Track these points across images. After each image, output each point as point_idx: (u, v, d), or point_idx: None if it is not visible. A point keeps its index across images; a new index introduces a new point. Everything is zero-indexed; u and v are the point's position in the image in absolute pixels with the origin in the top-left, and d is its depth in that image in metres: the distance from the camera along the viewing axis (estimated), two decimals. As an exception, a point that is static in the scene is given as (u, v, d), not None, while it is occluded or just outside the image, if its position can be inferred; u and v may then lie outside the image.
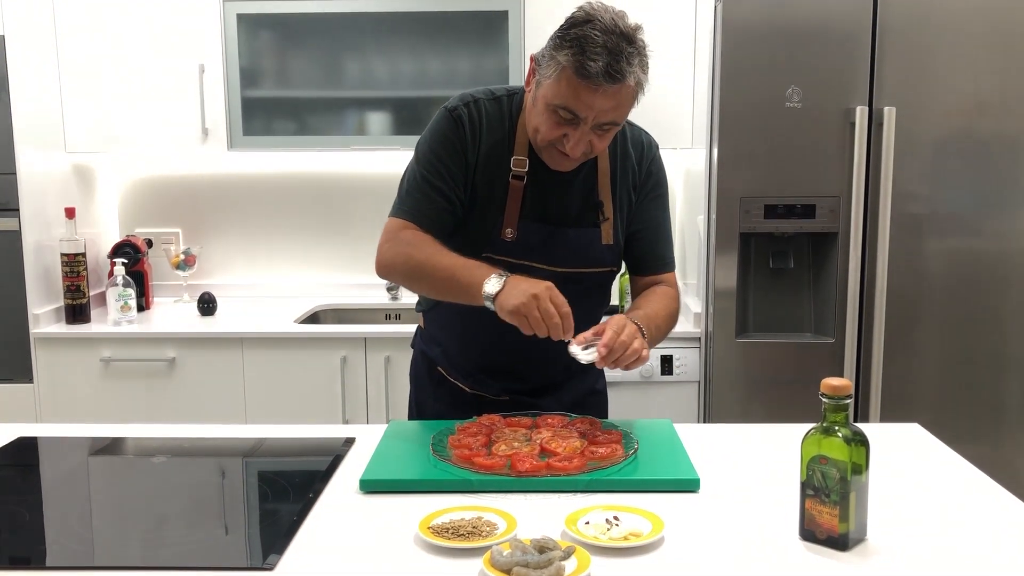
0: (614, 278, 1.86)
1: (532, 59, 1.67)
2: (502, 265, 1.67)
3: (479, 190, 1.73)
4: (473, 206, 1.74)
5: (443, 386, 1.91)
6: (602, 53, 1.53)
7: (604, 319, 1.71)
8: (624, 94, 1.58)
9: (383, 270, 1.75)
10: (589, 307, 1.83)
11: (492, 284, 1.56)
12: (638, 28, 1.60)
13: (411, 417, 1.98)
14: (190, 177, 3.63)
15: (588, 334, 1.61)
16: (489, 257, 1.71)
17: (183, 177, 3.64)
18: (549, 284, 1.56)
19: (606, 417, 1.95)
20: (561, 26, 1.60)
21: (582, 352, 1.59)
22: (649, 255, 1.87)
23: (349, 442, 1.73)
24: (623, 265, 1.89)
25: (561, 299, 1.55)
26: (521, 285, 1.55)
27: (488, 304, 1.57)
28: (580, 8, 1.60)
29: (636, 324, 1.64)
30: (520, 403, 1.82)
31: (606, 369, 1.65)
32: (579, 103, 1.57)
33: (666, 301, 1.82)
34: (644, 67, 1.60)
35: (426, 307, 1.92)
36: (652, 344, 1.68)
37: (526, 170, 1.72)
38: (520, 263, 1.72)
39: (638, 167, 1.82)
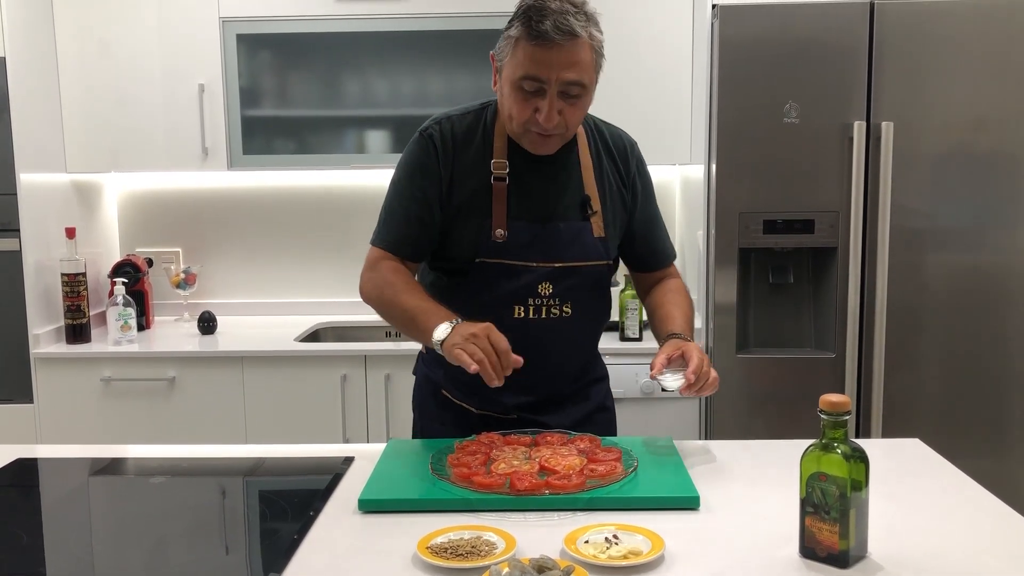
0: (611, 274, 1.87)
1: (492, 57, 1.73)
2: (498, 268, 1.73)
3: (461, 200, 1.76)
4: (458, 215, 1.76)
5: (449, 409, 1.90)
6: (549, 14, 1.60)
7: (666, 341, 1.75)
8: (581, 51, 1.62)
9: (364, 299, 1.82)
10: (592, 305, 1.85)
11: (441, 331, 1.62)
12: (585, 2, 1.66)
13: None
14: (190, 196, 3.64)
15: (664, 359, 1.66)
16: (484, 262, 1.74)
17: (183, 196, 3.64)
18: (488, 324, 1.60)
19: (615, 435, 1.94)
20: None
21: (669, 378, 1.64)
22: (650, 252, 1.94)
23: (348, 461, 1.73)
24: (620, 263, 1.93)
25: (498, 337, 1.57)
26: (463, 330, 1.59)
27: (438, 349, 1.62)
28: None
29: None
30: (528, 421, 1.82)
31: (614, 386, 1.68)
32: (538, 66, 1.62)
33: (683, 298, 1.89)
34: (597, 28, 1.66)
35: None
36: None
37: (507, 171, 1.75)
38: (515, 263, 1.74)
39: (625, 168, 1.86)
